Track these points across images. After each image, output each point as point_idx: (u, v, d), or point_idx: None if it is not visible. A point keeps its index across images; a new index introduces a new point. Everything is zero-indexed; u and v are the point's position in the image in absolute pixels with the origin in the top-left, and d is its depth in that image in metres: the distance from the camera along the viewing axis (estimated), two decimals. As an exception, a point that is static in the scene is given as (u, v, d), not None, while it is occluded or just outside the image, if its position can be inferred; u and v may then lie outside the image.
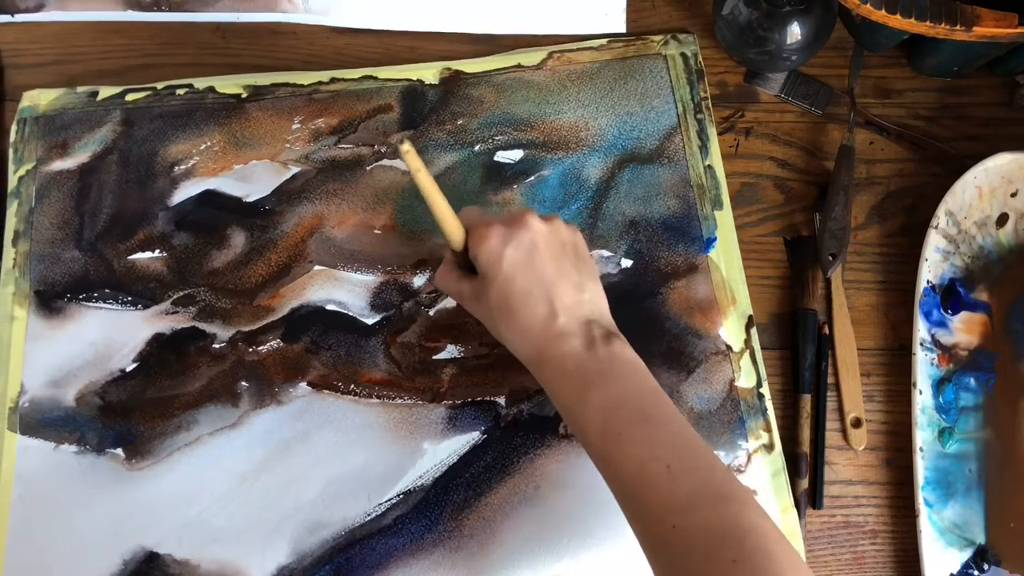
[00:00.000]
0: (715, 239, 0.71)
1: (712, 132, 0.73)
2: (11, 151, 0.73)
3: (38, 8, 0.77)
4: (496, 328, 0.59)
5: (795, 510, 0.66)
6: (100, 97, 0.74)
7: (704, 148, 0.73)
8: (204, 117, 0.74)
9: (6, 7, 0.77)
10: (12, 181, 0.72)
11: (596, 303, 0.59)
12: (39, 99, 0.74)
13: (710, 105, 0.74)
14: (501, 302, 0.57)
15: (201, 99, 0.74)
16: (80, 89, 0.75)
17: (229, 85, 0.75)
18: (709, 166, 0.73)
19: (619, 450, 0.52)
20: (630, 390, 0.55)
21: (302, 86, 0.75)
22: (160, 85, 0.75)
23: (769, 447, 0.67)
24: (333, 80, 0.75)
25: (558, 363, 0.56)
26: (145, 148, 0.73)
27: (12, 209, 0.71)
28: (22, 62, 0.76)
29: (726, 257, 0.71)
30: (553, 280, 0.57)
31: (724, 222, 0.72)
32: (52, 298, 0.69)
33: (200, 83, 0.75)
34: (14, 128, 0.73)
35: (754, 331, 0.69)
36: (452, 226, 0.59)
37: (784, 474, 0.66)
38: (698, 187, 0.72)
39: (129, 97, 0.74)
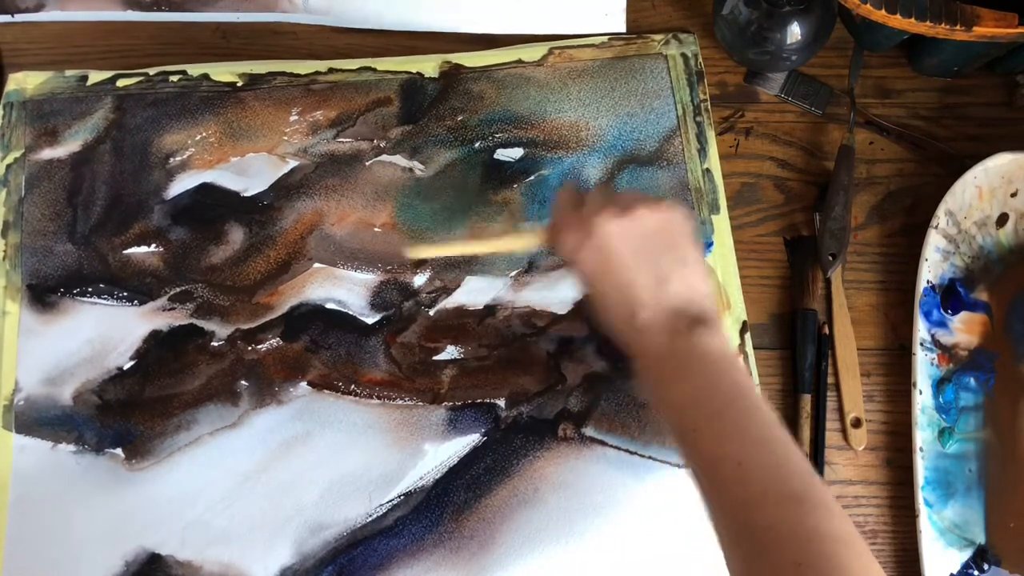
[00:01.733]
0: (712, 243, 0.71)
1: (711, 135, 0.73)
2: None
3: (38, 8, 0.76)
4: (600, 315, 0.59)
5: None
6: (90, 82, 0.73)
7: (703, 151, 0.73)
8: (199, 106, 0.73)
9: (6, 7, 0.76)
10: (0, 169, 0.71)
11: (684, 291, 0.56)
12: (26, 82, 0.73)
13: (709, 107, 0.74)
14: (591, 299, 0.59)
15: (195, 87, 0.73)
16: (69, 73, 0.73)
17: (224, 73, 0.74)
18: (707, 169, 0.72)
19: (694, 446, 0.52)
20: (707, 385, 0.54)
21: (299, 75, 0.74)
22: (153, 71, 0.73)
23: (761, 451, 0.67)
24: (331, 71, 0.74)
25: (642, 358, 0.56)
26: (139, 138, 0.72)
27: (0, 198, 0.70)
28: (22, 62, 0.75)
29: (722, 262, 0.71)
30: (630, 280, 0.56)
31: (721, 226, 0.71)
32: (45, 292, 0.68)
33: (194, 70, 0.74)
34: (0, 113, 0.72)
35: (748, 336, 0.69)
36: (527, 244, 0.64)
37: (775, 478, 0.66)
38: (696, 191, 0.72)
39: (120, 83, 0.73)
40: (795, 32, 0.69)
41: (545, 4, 0.77)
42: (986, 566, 0.65)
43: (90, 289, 0.68)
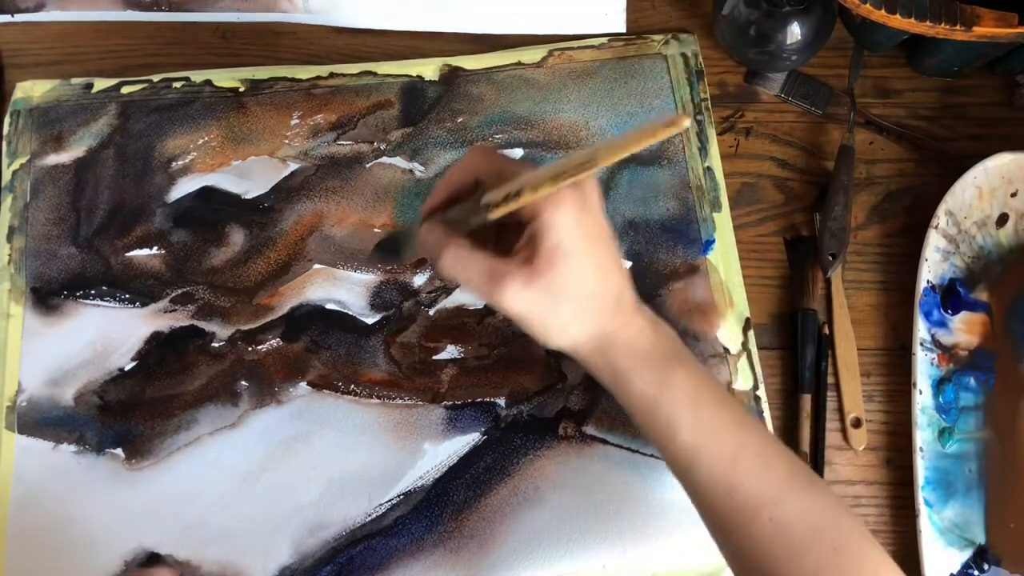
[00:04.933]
0: (714, 241, 0.71)
1: (711, 133, 0.73)
2: (4, 144, 0.72)
3: (38, 8, 0.77)
4: (556, 317, 0.49)
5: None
6: (95, 89, 0.74)
7: (703, 150, 0.73)
8: (201, 111, 0.73)
9: (6, 7, 0.76)
10: (6, 175, 0.71)
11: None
12: (32, 91, 0.74)
13: (710, 106, 0.74)
14: (574, 282, 0.48)
15: (198, 93, 0.74)
16: (75, 81, 0.74)
17: (226, 79, 0.74)
18: (708, 168, 0.73)
19: (712, 441, 0.49)
20: (701, 373, 0.51)
21: (300, 80, 0.74)
22: (156, 78, 0.74)
23: (765, 449, 0.67)
24: (332, 75, 0.75)
25: (632, 345, 0.50)
26: (142, 143, 0.73)
27: (6, 204, 0.71)
28: (22, 62, 0.76)
29: (724, 259, 0.71)
30: (614, 246, 0.51)
31: (723, 224, 0.71)
32: (48, 295, 0.69)
33: (197, 76, 0.74)
34: (7, 120, 0.73)
35: (751, 334, 0.69)
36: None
37: (779, 476, 0.66)
38: (697, 189, 0.72)
39: (125, 90, 0.74)
40: (795, 32, 0.69)
41: (545, 4, 0.77)
42: (986, 566, 0.65)
43: (93, 291, 0.69)
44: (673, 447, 0.50)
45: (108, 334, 0.68)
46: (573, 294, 0.49)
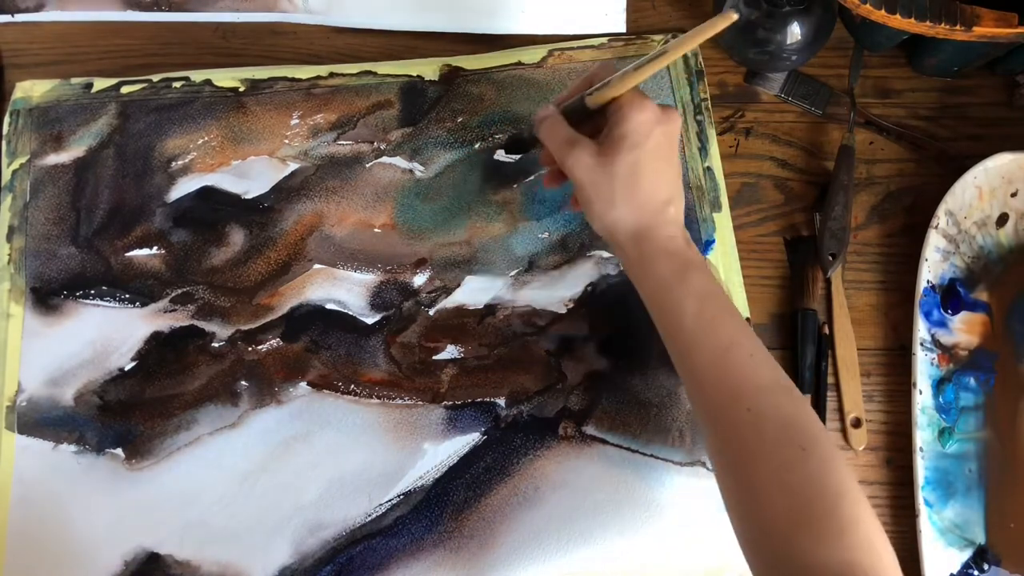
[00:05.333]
0: (714, 241, 0.71)
1: (711, 133, 0.73)
2: (4, 144, 0.72)
3: (38, 8, 0.77)
4: (607, 193, 0.58)
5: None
6: (95, 89, 0.74)
7: (703, 150, 0.73)
8: (201, 111, 0.73)
9: (6, 7, 0.76)
10: (6, 175, 0.72)
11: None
12: (32, 90, 0.74)
13: (710, 106, 0.74)
14: (630, 171, 0.57)
15: (198, 92, 0.74)
16: (74, 81, 0.74)
17: (226, 78, 0.74)
18: (708, 168, 0.73)
19: (711, 332, 0.56)
20: (713, 280, 0.58)
21: (300, 80, 0.74)
22: (156, 78, 0.74)
23: (763, 449, 0.67)
24: (332, 75, 0.75)
25: (663, 242, 0.58)
26: (142, 142, 0.73)
27: (6, 204, 0.71)
28: (22, 62, 0.76)
29: (724, 260, 0.71)
30: (679, 174, 0.60)
31: (723, 224, 0.71)
32: (48, 295, 0.69)
33: (197, 76, 0.74)
34: (7, 120, 0.73)
35: (750, 334, 0.69)
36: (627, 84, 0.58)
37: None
38: (697, 189, 0.72)
39: (124, 89, 0.74)
40: (795, 32, 0.69)
41: (545, 4, 0.77)
42: (986, 566, 0.65)
43: (92, 291, 0.69)
44: (676, 331, 0.58)
45: (108, 334, 0.68)
46: (627, 184, 0.57)
